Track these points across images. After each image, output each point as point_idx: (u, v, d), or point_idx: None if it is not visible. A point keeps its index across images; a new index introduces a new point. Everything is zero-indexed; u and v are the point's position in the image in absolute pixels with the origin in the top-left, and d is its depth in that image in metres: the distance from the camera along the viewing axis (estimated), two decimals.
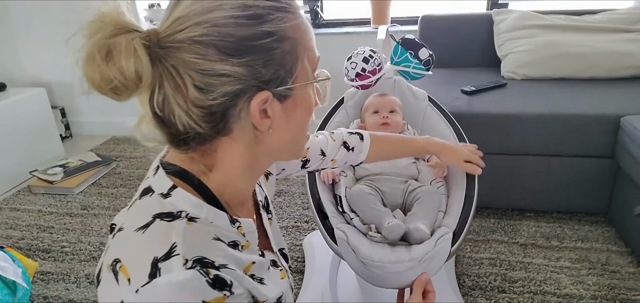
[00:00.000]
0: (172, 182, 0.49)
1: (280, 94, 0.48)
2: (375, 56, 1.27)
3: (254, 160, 0.53)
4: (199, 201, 0.49)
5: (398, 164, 1.16)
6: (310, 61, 0.51)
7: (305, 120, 0.54)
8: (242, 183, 0.55)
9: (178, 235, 0.44)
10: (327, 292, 1.32)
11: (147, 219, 0.46)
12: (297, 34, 0.49)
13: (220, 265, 0.46)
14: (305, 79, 0.51)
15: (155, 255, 0.43)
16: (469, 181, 1.07)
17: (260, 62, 0.45)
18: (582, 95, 1.66)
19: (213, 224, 0.49)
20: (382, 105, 1.29)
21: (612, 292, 1.35)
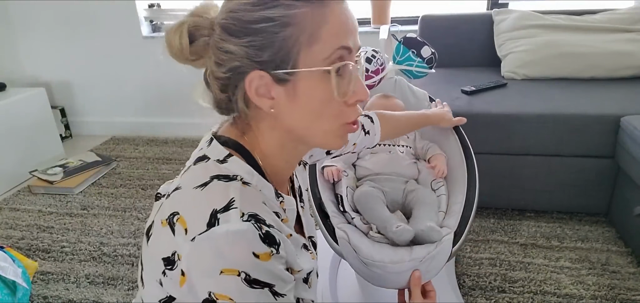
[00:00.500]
0: (227, 151, 0.55)
1: (279, 78, 0.51)
2: (377, 55, 1.27)
3: (282, 140, 0.57)
4: (250, 169, 0.54)
5: (399, 165, 1.16)
6: (321, 50, 0.51)
7: (316, 108, 0.53)
8: (278, 162, 0.59)
9: (236, 192, 0.49)
10: (327, 292, 1.32)
11: (205, 179, 0.51)
12: (306, 22, 0.49)
13: (270, 224, 0.50)
14: (307, 66, 0.51)
15: (215, 207, 0.47)
16: (469, 182, 1.07)
17: (258, 44, 0.50)
18: (583, 95, 1.66)
19: (262, 192, 0.54)
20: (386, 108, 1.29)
21: (612, 292, 1.35)
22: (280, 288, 0.49)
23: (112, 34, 2.64)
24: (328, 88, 0.52)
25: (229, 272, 0.45)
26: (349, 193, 1.11)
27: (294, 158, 0.62)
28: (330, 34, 0.51)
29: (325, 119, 0.54)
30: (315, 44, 0.50)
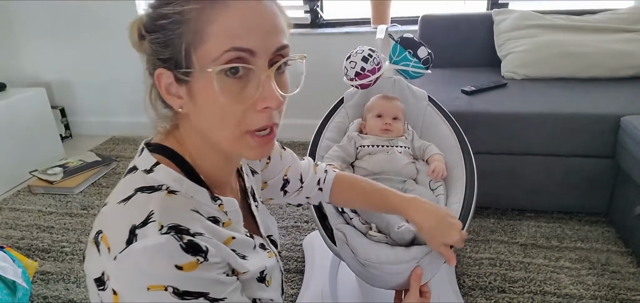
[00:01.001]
0: (155, 159, 0.53)
1: (178, 77, 0.50)
2: (374, 55, 1.27)
3: (203, 142, 0.55)
4: (180, 176, 0.52)
5: (397, 165, 1.16)
6: (211, 51, 0.47)
7: (217, 113, 0.50)
8: (208, 164, 0.57)
9: (156, 203, 0.48)
10: (327, 292, 1.32)
11: (129, 192, 0.49)
12: (193, 20, 0.47)
13: (196, 232, 0.48)
14: (199, 67, 0.48)
15: (133, 222, 0.46)
16: (468, 182, 1.07)
17: (159, 42, 0.49)
18: (583, 95, 1.66)
19: (193, 198, 0.52)
20: (386, 110, 1.28)
21: (612, 292, 1.35)
22: (217, 294, 0.48)
23: (112, 34, 2.64)
24: (221, 91, 0.48)
25: (156, 288, 0.44)
26: None
27: (222, 161, 0.58)
28: (220, 34, 0.47)
29: (226, 124, 0.51)
30: (203, 43, 0.47)
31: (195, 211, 0.51)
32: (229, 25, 0.47)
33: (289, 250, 1.62)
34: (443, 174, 1.14)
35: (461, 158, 1.16)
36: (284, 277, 0.73)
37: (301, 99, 2.63)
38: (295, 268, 1.53)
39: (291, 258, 1.58)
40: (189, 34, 0.48)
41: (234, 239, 0.56)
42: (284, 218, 1.81)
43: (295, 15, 2.50)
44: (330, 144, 1.28)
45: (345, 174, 0.93)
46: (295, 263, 1.55)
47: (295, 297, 1.40)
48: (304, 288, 1.41)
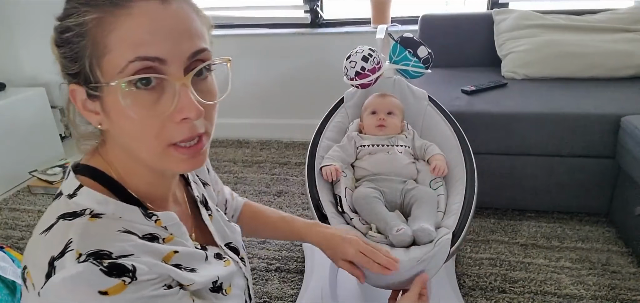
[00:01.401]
0: (79, 182, 0.51)
1: (89, 93, 0.48)
2: (374, 54, 1.27)
3: (131, 156, 0.52)
4: (104, 197, 0.50)
5: (397, 164, 1.16)
6: (115, 62, 0.44)
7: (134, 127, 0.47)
8: (140, 178, 0.54)
9: (76, 231, 0.45)
10: (327, 292, 1.31)
11: (51, 221, 0.47)
12: (96, 30, 0.44)
13: (121, 255, 0.45)
14: (105, 80, 0.46)
15: (52, 254, 0.44)
16: (468, 182, 1.06)
17: (66, 56, 0.47)
18: (583, 95, 1.66)
19: (122, 218, 0.50)
20: (380, 106, 1.28)
21: (612, 292, 1.35)
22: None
23: None
24: (135, 105, 0.45)
25: None
26: (347, 194, 1.10)
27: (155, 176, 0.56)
28: (123, 43, 0.44)
29: (145, 139, 0.48)
30: (106, 55, 0.45)
31: (126, 232, 0.48)
32: (133, 34, 0.44)
33: (289, 250, 1.62)
34: (444, 171, 1.14)
35: (461, 157, 1.16)
36: (250, 282, 0.71)
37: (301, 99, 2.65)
38: (295, 268, 1.53)
39: (291, 258, 1.57)
40: (97, 46, 0.45)
41: (177, 253, 0.53)
42: None
43: (295, 15, 2.50)
44: (330, 144, 1.28)
45: (252, 203, 0.92)
46: (295, 263, 1.55)
47: (295, 297, 1.40)
48: (304, 288, 1.41)
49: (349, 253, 0.82)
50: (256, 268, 1.53)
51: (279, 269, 1.53)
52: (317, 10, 2.46)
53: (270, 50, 2.51)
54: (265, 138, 2.62)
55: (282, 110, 2.62)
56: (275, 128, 2.63)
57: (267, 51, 2.51)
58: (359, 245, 0.82)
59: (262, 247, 1.64)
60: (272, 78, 2.56)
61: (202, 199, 0.69)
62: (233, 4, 2.57)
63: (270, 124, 2.64)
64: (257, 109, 2.65)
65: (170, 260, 0.52)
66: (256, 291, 1.44)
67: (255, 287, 1.46)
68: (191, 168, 0.52)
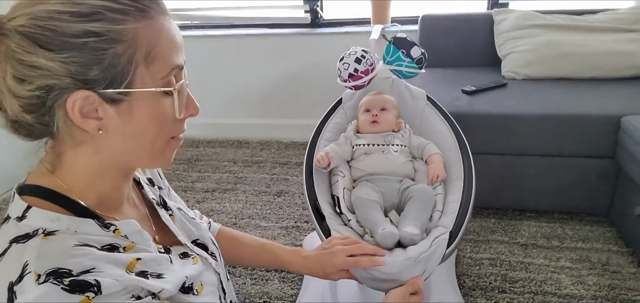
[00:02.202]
0: (26, 204, 0.49)
1: (111, 97, 0.47)
2: (367, 56, 1.26)
3: (104, 162, 0.52)
4: (56, 215, 0.48)
5: (393, 164, 1.15)
6: (158, 69, 0.49)
7: (151, 128, 0.51)
8: (103, 186, 0.54)
9: (31, 252, 0.44)
10: (327, 292, 1.31)
11: (4, 246, 0.46)
12: (138, 38, 0.47)
13: (81, 271, 0.45)
14: (145, 86, 0.48)
15: (10, 279, 0.43)
16: (466, 181, 1.06)
17: (81, 60, 0.44)
18: (583, 95, 1.66)
19: (77, 232, 0.49)
20: (373, 103, 1.28)
21: (612, 292, 1.35)
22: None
23: None
24: (163, 106, 0.51)
25: None
26: (345, 195, 1.10)
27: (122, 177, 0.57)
28: (165, 53, 0.49)
29: (160, 137, 0.52)
30: (153, 63, 0.48)
31: (83, 245, 0.47)
32: (168, 43, 0.50)
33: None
34: (440, 176, 1.13)
35: (459, 157, 1.16)
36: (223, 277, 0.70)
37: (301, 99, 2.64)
38: None
39: None
40: (138, 53, 0.47)
41: (140, 260, 0.52)
42: (283, 218, 1.81)
43: (295, 15, 2.50)
44: (328, 145, 1.28)
45: (227, 229, 0.89)
46: None
47: (295, 297, 1.40)
48: (304, 289, 1.41)
49: (339, 263, 0.82)
50: (256, 268, 1.53)
51: (279, 270, 1.53)
52: (317, 10, 2.46)
53: (270, 50, 2.51)
54: (265, 138, 2.62)
55: (282, 110, 2.62)
56: (275, 128, 2.63)
57: (267, 51, 2.51)
58: (344, 250, 0.83)
59: None
60: (272, 78, 2.56)
61: (159, 201, 0.68)
62: (233, 4, 2.57)
63: (270, 124, 2.64)
64: (257, 109, 2.65)
65: (133, 268, 0.51)
66: (256, 291, 1.44)
67: (255, 287, 1.46)
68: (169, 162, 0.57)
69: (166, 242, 0.63)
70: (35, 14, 0.44)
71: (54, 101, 0.46)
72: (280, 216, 1.83)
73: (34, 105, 0.46)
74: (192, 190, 2.09)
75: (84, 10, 0.44)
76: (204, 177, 2.21)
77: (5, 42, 0.44)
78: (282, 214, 1.85)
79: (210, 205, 1.95)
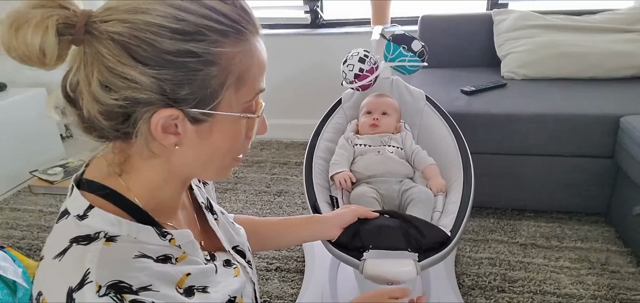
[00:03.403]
0: (88, 202, 0.47)
1: (195, 117, 0.46)
2: (369, 55, 1.27)
3: (171, 171, 0.52)
4: (117, 218, 0.47)
5: (389, 164, 1.16)
6: (244, 92, 0.49)
7: (225, 147, 0.51)
8: (165, 192, 0.54)
9: (93, 259, 0.43)
10: (327, 292, 1.32)
11: (64, 245, 0.45)
12: (233, 62, 0.46)
13: (140, 287, 0.44)
14: (229, 109, 0.48)
15: (70, 284, 0.42)
16: (466, 181, 1.07)
17: (175, 79, 0.43)
18: (582, 95, 1.66)
19: (137, 240, 0.48)
20: (375, 106, 1.28)
21: (611, 292, 1.35)
22: None
23: None
24: (241, 128, 0.51)
25: None
26: (344, 195, 1.11)
27: (183, 184, 0.57)
28: (255, 77, 0.49)
29: (230, 156, 0.53)
30: (242, 87, 0.48)
31: (142, 256, 0.46)
32: (258, 68, 0.50)
33: (289, 250, 1.62)
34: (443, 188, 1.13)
35: (459, 157, 1.16)
36: (256, 286, 0.70)
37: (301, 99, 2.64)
38: (295, 268, 1.53)
39: (291, 258, 1.58)
40: (230, 77, 0.46)
41: (190, 276, 0.51)
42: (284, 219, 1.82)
43: (295, 15, 2.50)
44: (328, 145, 1.28)
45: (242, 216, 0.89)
46: (295, 263, 1.55)
47: (295, 297, 1.40)
48: (304, 288, 1.41)
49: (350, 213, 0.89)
50: (256, 268, 1.54)
51: (279, 269, 1.53)
52: (317, 11, 2.47)
53: (270, 50, 2.43)
54: (265, 138, 2.63)
55: (282, 110, 2.63)
56: (275, 128, 2.63)
57: (267, 51, 2.49)
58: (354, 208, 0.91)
59: None
60: (272, 78, 2.56)
61: (207, 204, 0.67)
62: None
63: (270, 124, 2.60)
64: None
65: (183, 285, 0.50)
66: None
67: None
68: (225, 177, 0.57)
69: (210, 247, 0.63)
70: (134, 24, 0.42)
71: (138, 114, 0.44)
72: (280, 216, 1.83)
73: (115, 113, 0.44)
74: None
75: (186, 28, 0.43)
76: None
77: (95, 45, 0.42)
78: (282, 214, 1.85)
79: None
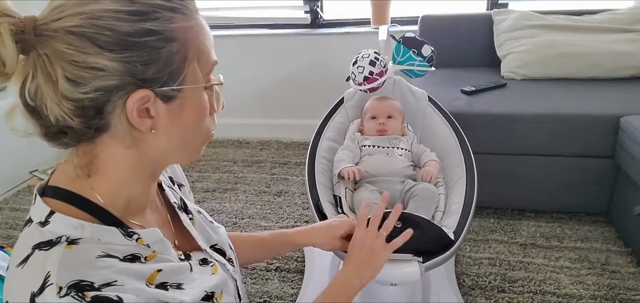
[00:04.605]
0: (49, 208, 0.47)
1: (165, 95, 0.47)
2: (380, 58, 1.27)
3: (141, 163, 0.52)
4: (79, 222, 0.47)
5: (395, 165, 1.16)
6: (203, 65, 0.51)
7: (196, 124, 0.53)
8: (134, 189, 0.53)
9: (54, 262, 0.43)
10: None
11: (27, 252, 0.45)
12: (188, 36, 0.48)
13: (103, 284, 0.44)
14: (194, 82, 0.50)
15: (31, 290, 0.42)
16: (468, 182, 1.07)
17: (141, 60, 0.44)
18: (582, 95, 1.66)
19: (101, 241, 0.47)
20: (379, 110, 1.28)
21: (611, 292, 1.35)
22: None
23: None
24: (205, 103, 0.53)
25: None
26: (347, 194, 1.11)
27: (152, 179, 0.57)
28: (208, 50, 0.52)
29: (201, 133, 0.55)
30: (201, 59, 0.50)
31: (106, 255, 0.46)
32: (208, 39, 0.52)
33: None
34: (431, 178, 1.13)
35: (461, 157, 1.16)
36: (239, 282, 0.69)
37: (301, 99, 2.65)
38: (295, 268, 1.53)
39: (291, 258, 1.58)
40: (190, 51, 0.49)
41: (161, 271, 0.51)
42: (283, 218, 1.82)
43: (295, 16, 2.50)
44: (330, 144, 1.28)
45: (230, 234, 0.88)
46: (295, 263, 1.55)
47: (295, 297, 1.40)
48: (303, 288, 1.41)
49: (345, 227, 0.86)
50: (256, 268, 1.54)
51: (279, 269, 1.53)
52: (317, 11, 2.46)
53: (270, 50, 2.51)
54: (265, 138, 2.63)
55: (282, 110, 2.63)
56: (275, 128, 2.64)
57: (267, 51, 2.51)
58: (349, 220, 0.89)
59: None
60: (272, 78, 2.56)
61: (180, 204, 0.67)
62: (233, 5, 2.58)
63: (270, 124, 2.65)
64: (257, 109, 2.66)
65: (154, 281, 0.50)
66: (256, 291, 1.44)
67: (255, 286, 1.46)
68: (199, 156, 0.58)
69: (186, 247, 0.62)
70: (90, 14, 0.42)
71: (113, 103, 0.45)
72: (280, 216, 1.83)
73: (86, 108, 0.44)
74: (193, 189, 2.10)
75: (141, 9, 0.44)
76: (204, 177, 2.21)
77: (51, 45, 0.42)
78: (282, 214, 1.85)
79: (211, 205, 1.96)
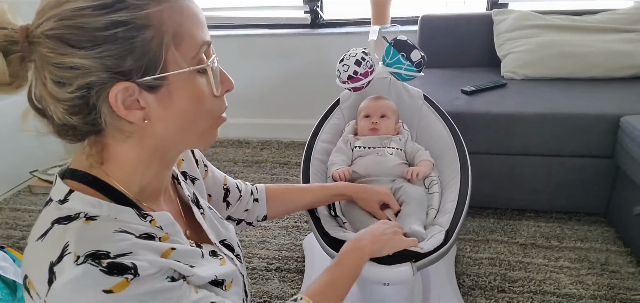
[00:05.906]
0: (68, 187, 0.50)
1: (148, 85, 0.47)
2: (367, 58, 1.26)
3: (145, 152, 0.53)
4: (97, 200, 0.49)
5: (386, 164, 1.16)
6: (187, 47, 0.49)
7: (193, 109, 0.52)
8: (145, 176, 0.55)
9: (72, 234, 0.45)
10: None
11: (46, 226, 0.47)
12: (163, 21, 0.47)
13: (119, 253, 0.45)
14: (177, 67, 0.49)
15: (50, 259, 0.44)
16: (462, 180, 1.07)
17: (114, 53, 0.44)
18: (582, 95, 1.66)
19: (118, 219, 0.50)
20: (373, 110, 1.28)
21: (611, 292, 1.35)
22: (167, 299, 0.48)
23: None
24: (202, 86, 0.52)
25: None
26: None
27: (164, 166, 0.58)
28: (191, 31, 0.50)
29: (203, 118, 0.54)
30: (182, 43, 0.49)
31: (122, 231, 0.48)
32: (193, 21, 0.50)
33: (289, 250, 1.63)
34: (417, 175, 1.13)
35: (456, 156, 1.16)
36: (246, 279, 0.71)
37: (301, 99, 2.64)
38: (295, 268, 1.53)
39: (291, 258, 1.58)
40: (166, 36, 0.47)
41: (174, 250, 0.53)
42: (284, 218, 1.82)
43: (295, 16, 2.50)
44: (325, 146, 1.28)
45: (270, 186, 0.96)
46: (295, 263, 1.55)
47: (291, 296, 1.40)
48: (303, 288, 1.41)
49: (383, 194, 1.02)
50: (256, 268, 1.54)
51: (279, 269, 1.53)
52: (317, 11, 2.46)
53: (270, 50, 2.51)
54: (265, 138, 2.63)
55: (282, 110, 2.63)
56: (275, 128, 2.64)
57: (267, 51, 2.51)
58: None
59: (262, 247, 1.64)
60: (272, 78, 2.56)
61: (193, 198, 0.69)
62: (233, 5, 2.58)
63: (270, 124, 2.65)
64: (257, 109, 2.66)
65: (168, 256, 0.52)
66: (256, 291, 1.44)
67: (255, 286, 1.46)
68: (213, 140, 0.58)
69: (196, 239, 0.64)
70: (61, 15, 0.44)
71: (97, 98, 0.46)
72: None
73: (78, 106, 0.46)
74: None
75: (106, 2, 0.44)
76: None
77: (38, 50, 0.45)
78: None
79: None
